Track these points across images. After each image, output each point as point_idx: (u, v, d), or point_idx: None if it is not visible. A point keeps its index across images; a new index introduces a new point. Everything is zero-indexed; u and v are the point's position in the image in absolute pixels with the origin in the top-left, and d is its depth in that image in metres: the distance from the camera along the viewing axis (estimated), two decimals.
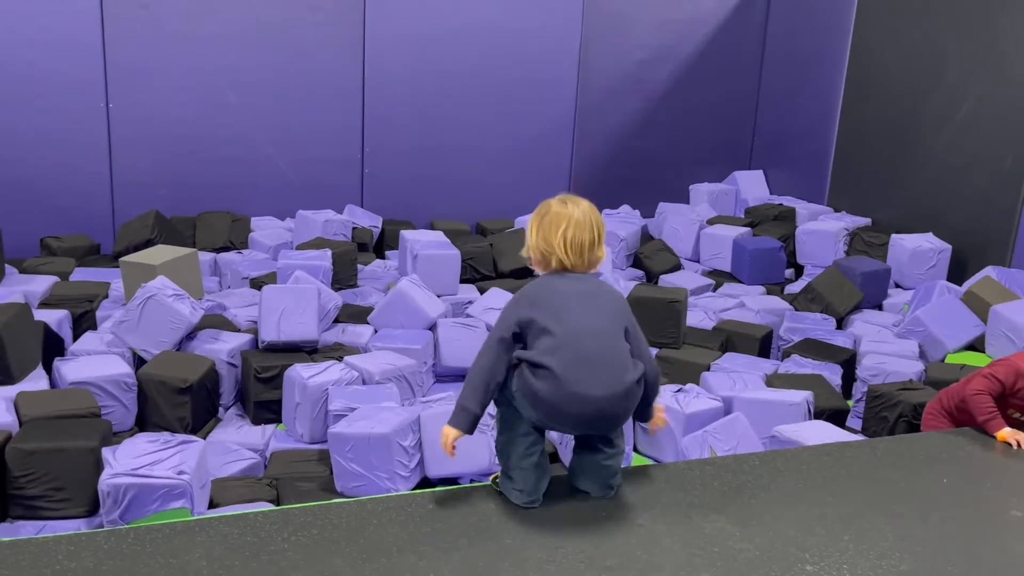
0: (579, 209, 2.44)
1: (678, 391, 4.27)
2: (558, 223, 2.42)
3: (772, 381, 4.56)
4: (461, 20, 7.24)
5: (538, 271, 2.52)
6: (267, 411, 4.42)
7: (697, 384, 4.49)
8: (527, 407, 2.40)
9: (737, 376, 4.55)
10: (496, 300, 5.29)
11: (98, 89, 6.43)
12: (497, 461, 2.56)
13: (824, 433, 3.79)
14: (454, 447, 2.44)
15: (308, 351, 4.65)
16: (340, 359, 4.47)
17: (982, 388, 3.16)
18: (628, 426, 4.10)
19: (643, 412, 2.57)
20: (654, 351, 4.96)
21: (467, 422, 2.42)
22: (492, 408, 2.53)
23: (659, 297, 5.15)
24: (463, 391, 2.43)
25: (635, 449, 4.25)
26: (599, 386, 2.34)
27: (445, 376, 4.84)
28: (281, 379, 4.34)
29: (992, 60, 6.17)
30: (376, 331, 4.98)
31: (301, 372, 4.21)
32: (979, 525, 2.58)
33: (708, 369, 4.78)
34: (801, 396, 4.20)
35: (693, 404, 4.15)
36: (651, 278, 6.66)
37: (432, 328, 4.95)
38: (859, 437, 4.01)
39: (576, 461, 2.57)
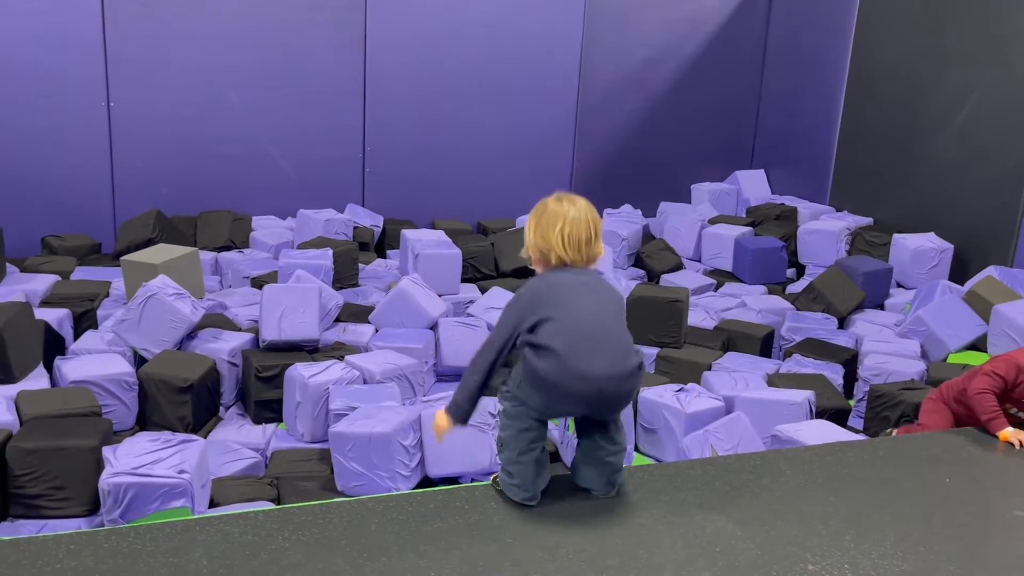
0: (575, 207, 2.48)
1: (679, 390, 4.26)
2: (555, 221, 2.45)
3: (774, 381, 4.55)
4: (462, 19, 7.23)
5: (538, 270, 2.53)
6: (268, 410, 4.42)
7: (698, 383, 4.48)
8: (531, 392, 2.41)
9: (738, 376, 4.55)
10: (497, 299, 5.29)
11: (99, 88, 6.42)
12: (498, 458, 2.56)
13: (825, 432, 3.78)
14: (443, 436, 2.58)
15: (309, 350, 4.64)
16: (341, 358, 4.47)
17: (985, 387, 3.17)
18: (630, 425, 4.11)
19: None
20: (655, 351, 4.97)
21: (460, 417, 2.53)
22: (496, 406, 2.52)
23: (661, 296, 5.15)
24: (459, 387, 2.52)
25: (636, 449, 4.25)
26: (601, 364, 2.35)
27: (446, 375, 4.83)
28: (282, 378, 4.33)
29: (994, 59, 6.15)
30: (377, 330, 4.98)
31: (302, 371, 4.21)
32: (982, 525, 2.58)
33: (709, 368, 4.77)
34: (803, 396, 4.19)
35: (694, 403, 4.14)
36: (652, 277, 6.65)
37: (433, 327, 4.95)
38: (860, 437, 4.00)
39: (579, 457, 2.58)
